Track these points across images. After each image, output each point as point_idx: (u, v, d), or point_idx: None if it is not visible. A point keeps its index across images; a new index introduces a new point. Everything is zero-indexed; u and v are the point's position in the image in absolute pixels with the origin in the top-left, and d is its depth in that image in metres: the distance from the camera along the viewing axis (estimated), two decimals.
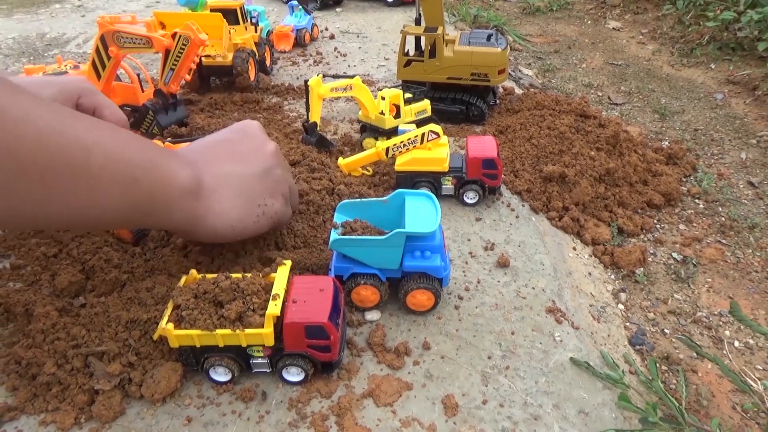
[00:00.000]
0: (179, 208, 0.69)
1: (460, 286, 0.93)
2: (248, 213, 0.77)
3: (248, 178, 0.77)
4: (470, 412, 0.72)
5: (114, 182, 0.60)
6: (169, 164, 0.68)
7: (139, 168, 0.63)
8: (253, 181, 0.77)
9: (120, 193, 0.61)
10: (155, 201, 0.66)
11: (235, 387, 0.73)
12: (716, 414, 0.84)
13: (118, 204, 0.62)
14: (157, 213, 0.68)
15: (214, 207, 0.73)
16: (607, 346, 0.90)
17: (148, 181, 0.64)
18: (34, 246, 0.98)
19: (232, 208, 0.75)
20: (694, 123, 1.80)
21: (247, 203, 0.76)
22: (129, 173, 0.62)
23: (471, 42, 1.52)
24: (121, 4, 3.06)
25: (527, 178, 1.25)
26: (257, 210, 0.77)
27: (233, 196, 0.75)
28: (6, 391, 0.72)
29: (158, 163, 0.66)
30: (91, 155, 0.57)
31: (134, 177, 0.62)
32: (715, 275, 1.14)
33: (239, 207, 0.76)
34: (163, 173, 0.67)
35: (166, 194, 0.67)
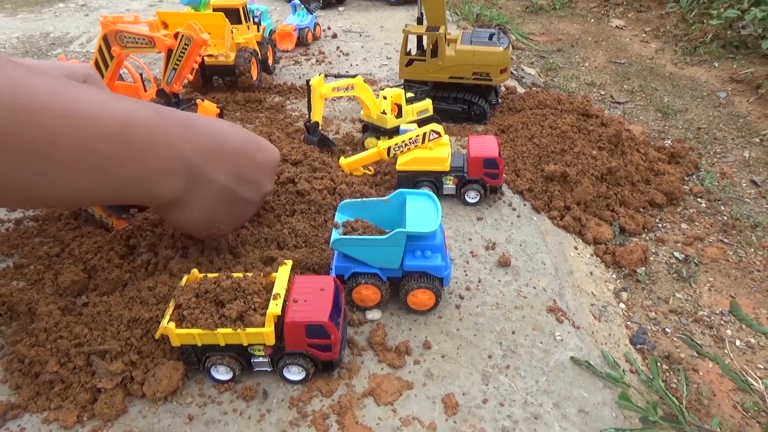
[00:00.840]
0: (151, 197, 0.69)
1: (461, 285, 0.93)
2: (209, 225, 0.79)
3: (235, 199, 0.78)
4: (470, 411, 0.72)
5: (79, 173, 0.57)
6: (158, 171, 0.66)
7: (115, 161, 0.60)
8: (234, 203, 0.78)
9: (85, 182, 0.59)
10: (128, 192, 0.65)
11: (237, 386, 0.74)
12: (717, 413, 0.84)
13: (82, 190, 0.60)
14: (125, 197, 0.68)
15: (184, 211, 0.74)
16: (608, 345, 0.90)
17: (122, 174, 0.62)
18: (37, 245, 0.99)
19: (197, 218, 0.76)
20: (697, 122, 1.79)
21: (210, 217, 0.77)
22: (98, 165, 0.59)
23: (473, 41, 1.52)
24: (125, 4, 3.07)
25: (529, 178, 1.25)
26: (210, 224, 0.79)
27: (205, 204, 0.75)
28: (9, 389, 0.73)
29: (142, 156, 0.63)
30: (55, 147, 0.53)
31: (103, 170, 0.59)
32: (716, 274, 1.14)
33: (210, 217, 0.77)
34: (144, 177, 0.65)
35: (143, 184, 0.66)
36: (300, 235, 0.95)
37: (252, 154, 0.78)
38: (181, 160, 0.68)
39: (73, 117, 0.54)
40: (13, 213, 1.11)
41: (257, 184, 0.80)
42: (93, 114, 0.56)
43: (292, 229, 0.96)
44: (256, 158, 0.78)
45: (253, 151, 0.79)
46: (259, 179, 0.80)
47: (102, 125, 0.57)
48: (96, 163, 0.57)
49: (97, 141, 0.56)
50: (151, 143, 0.63)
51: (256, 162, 0.79)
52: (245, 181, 0.77)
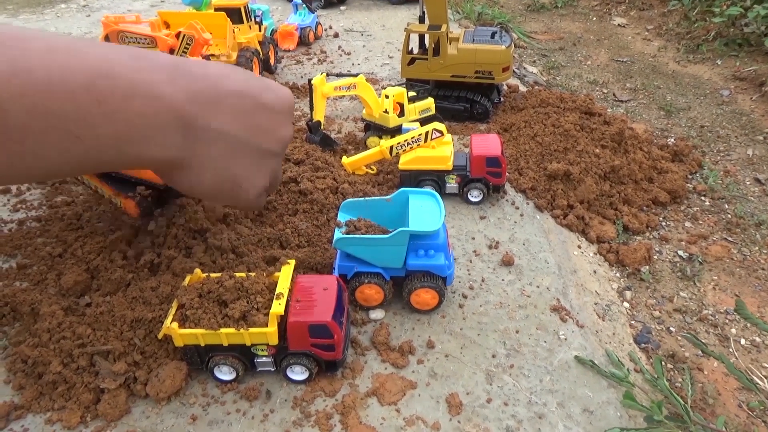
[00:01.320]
0: (142, 161, 0.55)
1: (464, 284, 0.93)
2: (219, 185, 0.63)
3: (247, 150, 0.64)
4: (474, 410, 0.71)
5: (45, 142, 0.45)
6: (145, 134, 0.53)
7: (84, 124, 0.47)
8: (247, 156, 0.64)
9: (56, 151, 0.47)
10: (114, 158, 0.52)
11: (240, 386, 0.73)
12: (722, 412, 0.83)
13: (54, 161, 0.48)
14: (112, 164, 0.54)
15: (191, 173, 0.60)
16: (612, 344, 0.90)
17: (99, 139, 0.49)
18: (39, 246, 0.98)
19: (210, 181, 0.62)
20: (700, 120, 1.79)
21: (226, 176, 0.63)
22: (66, 131, 0.46)
23: (475, 40, 1.51)
24: (126, 4, 3.07)
25: (532, 176, 1.25)
26: (228, 187, 0.64)
27: (215, 162, 0.61)
28: (13, 389, 0.73)
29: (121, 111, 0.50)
30: (7, 114, 0.42)
31: (74, 135, 0.47)
32: (721, 273, 1.14)
33: (216, 175, 0.62)
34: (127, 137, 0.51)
35: (128, 148, 0.52)
36: (303, 234, 0.95)
37: (258, 96, 0.64)
38: (170, 111, 0.55)
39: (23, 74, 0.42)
40: (16, 213, 1.12)
41: (271, 130, 0.66)
42: (49, 66, 0.44)
43: (294, 228, 0.96)
44: (263, 100, 0.65)
45: (259, 92, 0.65)
46: (272, 124, 0.66)
47: (64, 80, 0.45)
48: (63, 126, 0.46)
49: (58, 101, 0.44)
50: (130, 95, 0.50)
51: (265, 104, 0.65)
52: (256, 128, 0.64)
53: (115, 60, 0.49)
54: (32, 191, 1.20)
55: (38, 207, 1.13)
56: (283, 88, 0.68)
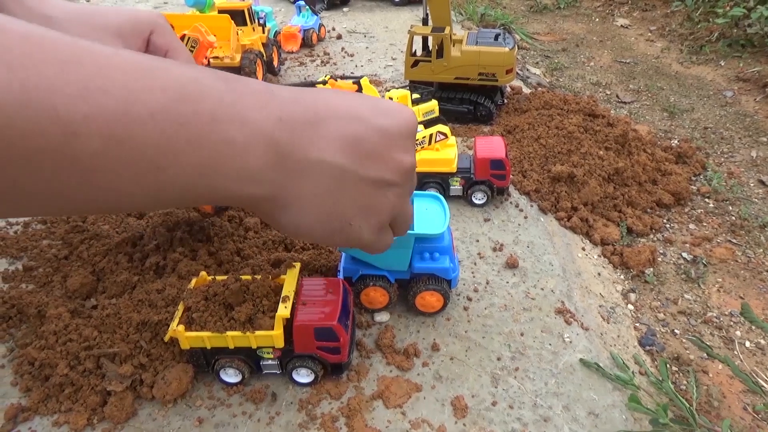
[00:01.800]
0: (232, 197, 0.47)
1: (468, 287, 0.93)
2: (325, 224, 0.53)
3: (354, 181, 0.52)
4: (480, 413, 0.72)
5: (121, 172, 0.39)
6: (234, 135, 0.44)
7: (168, 151, 0.40)
8: (356, 189, 0.52)
9: (134, 183, 0.40)
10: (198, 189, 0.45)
11: (246, 388, 0.74)
12: (727, 415, 0.83)
13: (132, 195, 0.42)
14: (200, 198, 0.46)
15: (290, 198, 0.50)
16: (616, 346, 0.90)
17: (185, 168, 0.41)
18: (45, 248, 0.99)
19: (312, 208, 0.51)
20: (703, 121, 1.79)
21: (333, 213, 0.52)
22: (148, 159, 0.39)
23: (478, 42, 1.51)
24: (129, 5, 3.07)
25: (535, 179, 1.25)
26: (337, 226, 0.53)
27: (322, 195, 0.51)
28: (20, 392, 0.73)
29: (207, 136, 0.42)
30: (77, 139, 0.36)
31: (158, 164, 0.41)
32: (725, 275, 1.14)
33: (320, 212, 0.52)
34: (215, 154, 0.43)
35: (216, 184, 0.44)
36: None
37: (367, 118, 0.54)
38: (262, 138, 0.46)
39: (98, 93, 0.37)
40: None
41: (387, 157, 0.54)
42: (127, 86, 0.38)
43: None
44: (375, 123, 0.54)
45: (369, 114, 0.54)
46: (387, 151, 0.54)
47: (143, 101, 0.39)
48: (142, 154, 0.39)
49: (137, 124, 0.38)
50: (215, 119, 0.43)
51: (377, 128, 0.54)
52: (366, 156, 0.52)
53: (199, 80, 0.43)
54: None
55: None
56: (403, 109, 0.58)
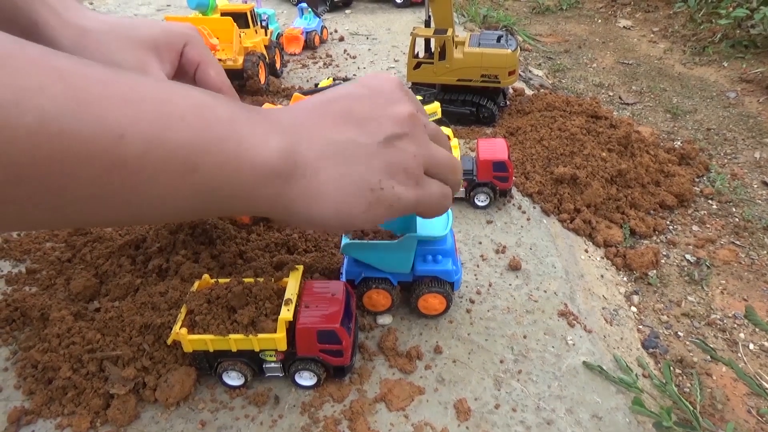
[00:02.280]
0: (262, 195, 0.49)
1: (471, 289, 0.93)
2: (357, 198, 0.53)
3: (362, 148, 0.53)
4: (483, 416, 0.71)
5: (160, 174, 0.41)
6: (249, 135, 0.47)
7: (199, 150, 0.43)
8: (367, 154, 0.53)
9: (171, 186, 0.43)
10: (225, 190, 0.46)
11: (248, 391, 0.74)
12: (731, 418, 0.83)
13: (169, 200, 0.44)
14: (229, 203, 0.49)
15: (311, 189, 0.51)
16: (620, 349, 0.90)
17: (213, 167, 0.44)
18: (48, 250, 0.99)
19: (336, 191, 0.52)
20: (706, 122, 1.78)
21: (357, 186, 0.53)
22: (182, 159, 0.42)
23: (481, 43, 1.51)
24: (133, 9, 3.08)
25: (538, 180, 1.25)
26: (368, 196, 0.53)
27: (339, 173, 0.52)
28: (23, 395, 0.73)
29: (229, 137, 0.45)
30: (123, 142, 0.38)
31: (191, 163, 0.43)
32: (729, 277, 1.13)
33: (345, 189, 0.53)
34: (237, 151, 0.46)
35: (240, 181, 0.47)
36: (310, 239, 0.95)
37: (349, 93, 0.56)
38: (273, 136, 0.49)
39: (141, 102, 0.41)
40: None
41: (379, 113, 0.55)
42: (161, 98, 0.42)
43: (302, 233, 0.96)
44: (357, 92, 0.56)
45: (349, 90, 0.56)
46: (378, 108, 0.55)
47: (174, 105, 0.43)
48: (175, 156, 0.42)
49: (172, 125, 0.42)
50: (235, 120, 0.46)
51: (360, 95, 0.56)
52: (361, 121, 0.54)
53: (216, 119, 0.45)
54: None
55: None
56: (379, 74, 0.60)
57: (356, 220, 0.54)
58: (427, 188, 0.57)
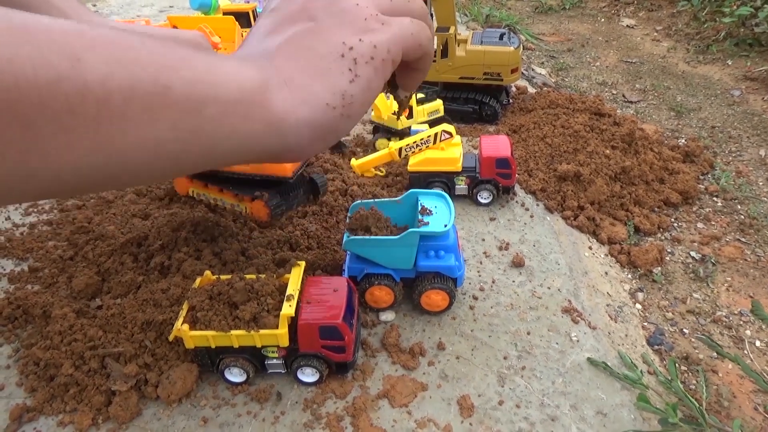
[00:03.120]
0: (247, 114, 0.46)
1: (474, 286, 0.93)
2: (336, 73, 0.49)
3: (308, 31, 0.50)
4: (486, 412, 0.71)
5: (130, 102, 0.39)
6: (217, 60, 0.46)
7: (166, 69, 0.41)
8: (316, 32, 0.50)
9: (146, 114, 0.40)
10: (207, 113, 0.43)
11: (250, 388, 0.73)
12: (738, 415, 0.82)
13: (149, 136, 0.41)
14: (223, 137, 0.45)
15: (291, 93, 0.48)
16: (624, 346, 0.89)
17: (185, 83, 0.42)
18: (51, 249, 0.99)
19: (313, 78, 0.49)
20: (711, 120, 1.77)
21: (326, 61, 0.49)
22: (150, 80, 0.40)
23: (483, 41, 1.51)
24: (135, 9, 3.09)
25: (541, 178, 1.24)
26: (344, 63, 0.49)
27: (304, 64, 0.49)
28: (25, 392, 0.73)
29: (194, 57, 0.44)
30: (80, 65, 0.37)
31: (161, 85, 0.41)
32: (734, 274, 1.12)
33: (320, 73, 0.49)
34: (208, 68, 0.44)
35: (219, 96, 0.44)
36: (312, 236, 0.95)
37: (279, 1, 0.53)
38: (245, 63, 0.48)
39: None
40: (28, 217, 1.12)
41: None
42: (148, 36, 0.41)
43: (304, 230, 0.96)
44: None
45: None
46: None
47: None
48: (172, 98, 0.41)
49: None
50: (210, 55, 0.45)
51: None
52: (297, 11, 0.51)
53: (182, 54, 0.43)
54: None
55: (49, 210, 1.14)
56: None
57: (354, 97, 0.49)
58: (395, 25, 0.52)
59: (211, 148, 0.46)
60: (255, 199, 0.86)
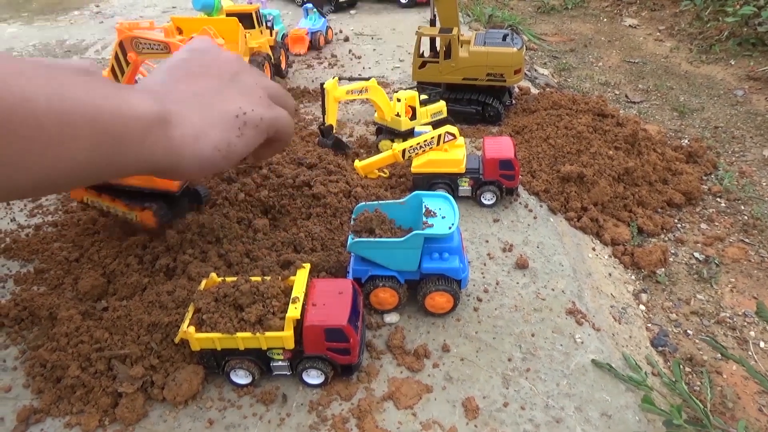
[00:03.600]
0: (151, 143, 0.59)
1: (478, 287, 0.93)
2: (228, 128, 0.65)
3: (215, 90, 0.66)
4: (491, 414, 0.71)
5: (68, 129, 0.51)
6: (126, 96, 0.57)
7: (94, 108, 0.53)
8: (221, 93, 0.66)
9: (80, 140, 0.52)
10: (121, 139, 0.56)
11: (256, 390, 0.74)
12: (742, 416, 0.82)
13: (82, 154, 0.53)
14: (128, 154, 0.57)
15: (188, 131, 0.62)
16: (628, 347, 0.89)
17: (107, 119, 0.54)
18: (56, 250, 0.99)
19: (210, 127, 0.63)
20: (714, 120, 1.77)
21: (224, 118, 0.64)
22: (85, 115, 0.52)
23: (486, 42, 1.51)
24: (138, 10, 3.10)
25: (545, 179, 1.24)
26: (236, 122, 0.65)
27: (206, 114, 0.64)
28: (32, 393, 0.73)
29: (112, 96, 0.56)
30: (37, 108, 0.48)
31: (92, 119, 0.53)
32: (738, 275, 1.12)
33: (216, 125, 0.64)
34: (120, 106, 0.56)
35: (130, 129, 0.57)
36: (316, 238, 0.95)
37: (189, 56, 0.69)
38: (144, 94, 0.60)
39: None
40: (33, 219, 1.13)
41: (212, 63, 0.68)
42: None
43: (308, 232, 0.96)
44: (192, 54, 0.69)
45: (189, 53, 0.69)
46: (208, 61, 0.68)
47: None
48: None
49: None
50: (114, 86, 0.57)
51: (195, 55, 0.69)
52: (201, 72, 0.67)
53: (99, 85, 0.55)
54: (48, 197, 1.21)
55: (54, 212, 1.14)
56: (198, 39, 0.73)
57: (236, 147, 0.64)
58: (276, 110, 0.69)
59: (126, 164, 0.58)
60: (144, 209, 0.95)
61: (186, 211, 1.00)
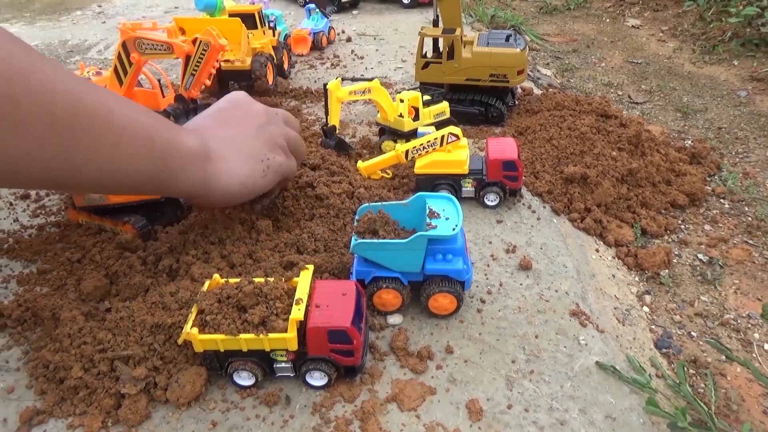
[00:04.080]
0: (192, 171, 0.76)
1: (482, 289, 0.93)
2: (254, 169, 0.83)
3: (247, 137, 0.85)
4: (495, 416, 0.71)
5: (133, 140, 0.67)
6: (178, 130, 0.76)
7: (153, 130, 0.70)
8: (251, 140, 0.85)
9: (138, 151, 0.68)
10: (169, 162, 0.72)
11: (259, 391, 0.73)
12: (747, 419, 0.82)
13: (136, 163, 0.68)
14: (172, 175, 0.74)
15: (223, 167, 0.80)
16: (632, 349, 0.89)
17: (162, 143, 0.71)
18: (59, 251, 0.99)
19: (240, 167, 0.82)
20: (717, 121, 1.77)
21: (252, 160, 0.83)
22: (145, 133, 0.68)
23: (489, 43, 1.51)
24: (140, 11, 3.10)
25: (548, 180, 1.24)
26: (262, 165, 0.84)
27: (238, 156, 0.82)
28: (35, 394, 0.73)
29: (168, 128, 0.73)
30: (113, 114, 0.63)
31: (150, 137, 0.69)
32: (742, 276, 1.12)
33: (245, 165, 0.83)
34: (173, 137, 0.73)
35: (178, 156, 0.73)
36: (319, 239, 0.95)
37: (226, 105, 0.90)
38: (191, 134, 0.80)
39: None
40: (36, 219, 1.13)
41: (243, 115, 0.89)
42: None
43: (311, 233, 0.96)
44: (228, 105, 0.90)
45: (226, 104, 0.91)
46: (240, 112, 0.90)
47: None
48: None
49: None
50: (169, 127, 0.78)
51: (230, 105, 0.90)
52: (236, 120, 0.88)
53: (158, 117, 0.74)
54: (51, 197, 1.21)
55: (57, 213, 1.14)
56: (234, 92, 0.93)
57: (258, 184, 0.85)
58: (292, 160, 0.92)
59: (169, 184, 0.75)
60: (125, 223, 1.00)
61: (170, 216, 1.05)
